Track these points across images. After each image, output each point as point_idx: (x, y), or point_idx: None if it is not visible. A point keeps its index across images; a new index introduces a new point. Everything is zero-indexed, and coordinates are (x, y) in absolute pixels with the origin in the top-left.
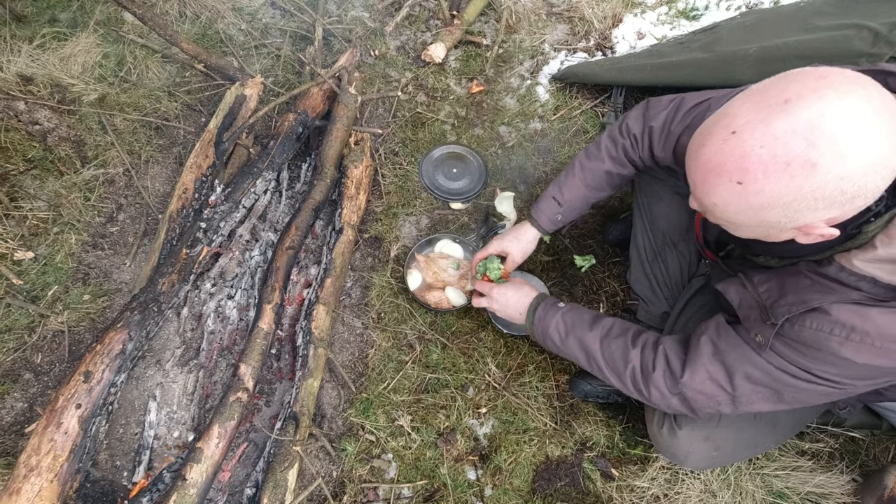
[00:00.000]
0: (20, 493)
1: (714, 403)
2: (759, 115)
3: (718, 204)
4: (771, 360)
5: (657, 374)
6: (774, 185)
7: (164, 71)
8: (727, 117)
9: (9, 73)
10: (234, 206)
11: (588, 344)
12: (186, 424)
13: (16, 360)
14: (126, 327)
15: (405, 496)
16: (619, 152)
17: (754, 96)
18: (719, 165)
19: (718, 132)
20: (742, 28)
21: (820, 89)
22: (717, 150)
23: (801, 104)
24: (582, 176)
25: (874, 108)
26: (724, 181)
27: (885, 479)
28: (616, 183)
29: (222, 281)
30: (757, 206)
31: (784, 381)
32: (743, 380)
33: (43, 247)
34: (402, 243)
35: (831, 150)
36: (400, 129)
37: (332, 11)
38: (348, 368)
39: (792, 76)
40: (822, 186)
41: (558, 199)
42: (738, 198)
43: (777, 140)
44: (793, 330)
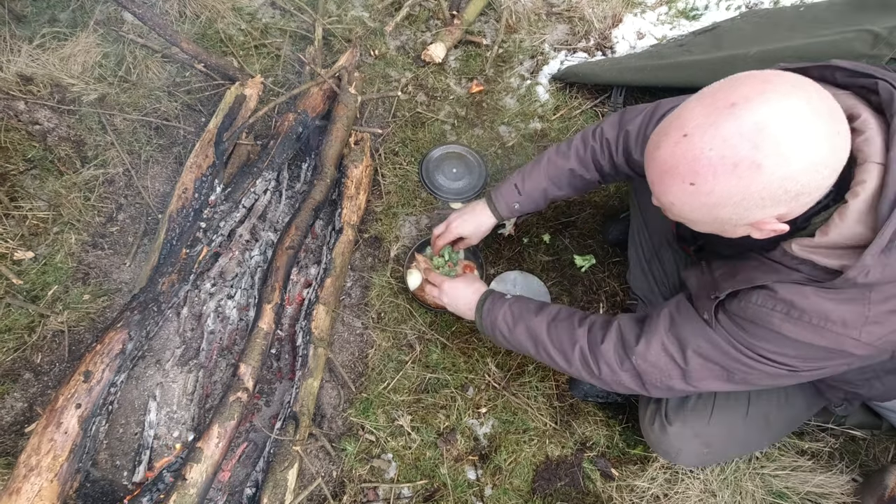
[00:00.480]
0: (20, 493)
1: (665, 378)
2: (708, 118)
3: (675, 203)
4: (720, 334)
5: (606, 346)
6: (724, 186)
7: (164, 71)
8: (679, 119)
9: (9, 73)
10: (233, 206)
11: (535, 330)
12: (186, 424)
13: (16, 360)
14: (126, 327)
15: (405, 496)
16: (587, 154)
17: (705, 99)
18: (672, 167)
19: (671, 134)
20: (742, 30)
21: (765, 93)
22: (671, 153)
23: (747, 107)
24: (547, 169)
25: (814, 110)
26: (677, 182)
27: (886, 479)
28: (577, 185)
29: (222, 281)
30: (709, 205)
31: (732, 357)
32: (694, 354)
33: (43, 247)
34: (402, 243)
35: (775, 151)
36: (400, 129)
37: (332, 11)
38: (348, 368)
39: (740, 79)
40: (768, 186)
41: (519, 188)
42: (692, 197)
43: (725, 142)
44: (739, 306)
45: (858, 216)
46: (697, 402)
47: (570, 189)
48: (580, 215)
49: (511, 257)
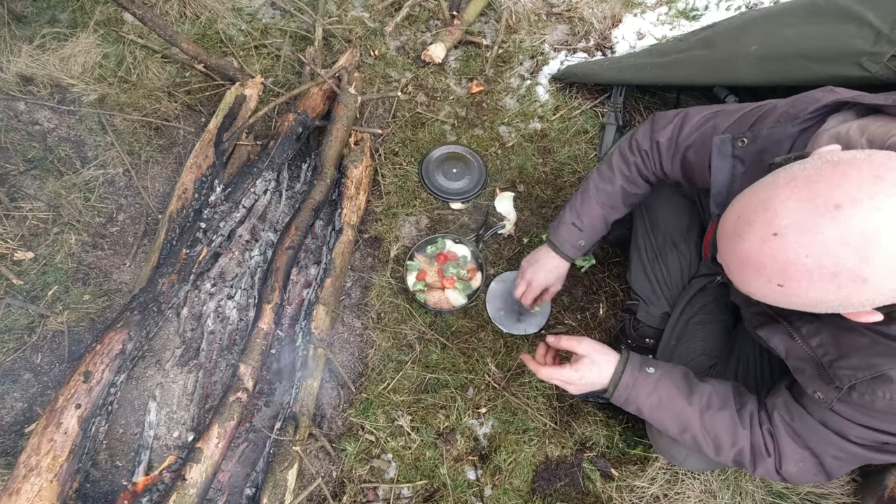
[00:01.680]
0: (20, 493)
1: (810, 479)
2: (805, 218)
3: (754, 292)
4: (849, 433)
5: (771, 460)
6: (819, 293)
7: (164, 71)
8: (768, 213)
9: (9, 73)
10: (233, 206)
11: (687, 419)
12: (186, 424)
13: (16, 360)
14: (126, 327)
15: (405, 496)
16: (632, 170)
17: (801, 192)
18: (759, 265)
19: (758, 229)
20: (741, 24)
21: (876, 195)
22: (757, 250)
23: (854, 212)
24: (598, 198)
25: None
26: (763, 280)
27: (885, 480)
28: (632, 201)
29: (222, 281)
30: (796, 305)
31: (871, 458)
32: (832, 460)
33: (43, 247)
34: (402, 243)
35: (885, 266)
36: (400, 129)
37: (332, 12)
38: (348, 368)
39: (845, 171)
40: (873, 296)
41: (577, 225)
42: (780, 295)
43: (826, 251)
44: (863, 399)
45: None
46: None
47: (626, 207)
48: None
49: (511, 257)
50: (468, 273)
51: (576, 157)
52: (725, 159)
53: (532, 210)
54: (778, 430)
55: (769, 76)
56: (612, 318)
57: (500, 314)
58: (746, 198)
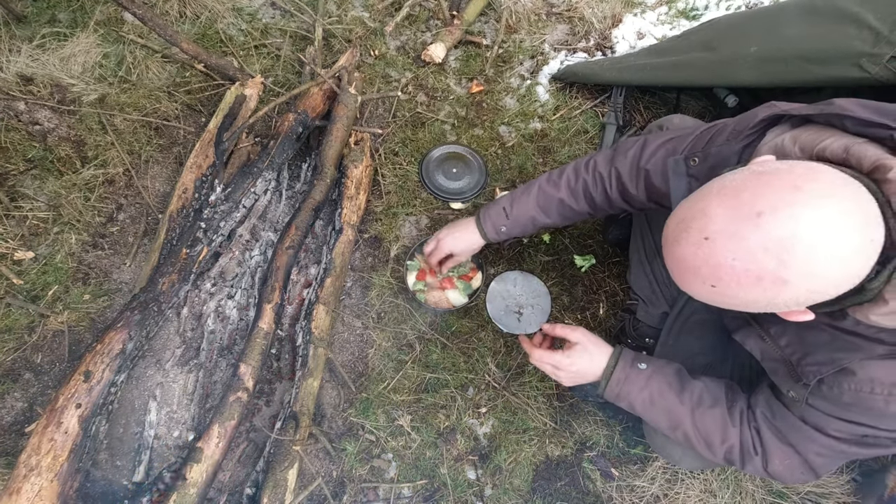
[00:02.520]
0: (20, 493)
1: (799, 476)
2: (732, 224)
3: (696, 294)
4: (826, 428)
5: (758, 458)
6: (748, 294)
7: (164, 71)
8: (701, 219)
9: (9, 73)
10: (234, 206)
11: (678, 416)
12: (186, 424)
13: (16, 360)
14: (126, 327)
15: (405, 496)
16: (578, 186)
17: (728, 200)
18: (694, 268)
19: (692, 235)
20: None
21: (794, 204)
22: (692, 254)
23: (774, 219)
24: (536, 197)
25: (847, 221)
26: (698, 282)
27: (885, 479)
28: (566, 214)
29: (222, 281)
30: (733, 304)
31: (851, 453)
32: (815, 457)
33: (43, 247)
34: (402, 243)
35: (802, 269)
36: (400, 129)
37: (332, 11)
38: (348, 368)
39: (767, 181)
40: (795, 296)
41: (507, 212)
42: (714, 295)
43: (749, 255)
44: (832, 393)
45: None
46: None
47: (558, 217)
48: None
49: (511, 257)
50: (469, 271)
51: (576, 157)
52: (681, 178)
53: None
54: (762, 427)
55: (769, 78)
56: (612, 317)
57: (500, 314)
58: (685, 206)
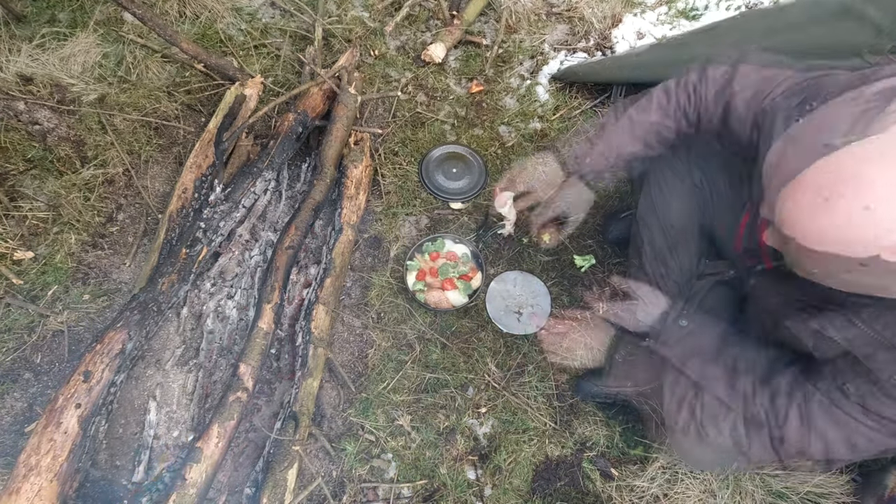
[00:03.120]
0: (20, 493)
1: (838, 461)
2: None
3: (828, 271)
4: (880, 412)
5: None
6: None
7: (163, 71)
8: (862, 183)
9: (9, 73)
10: (233, 206)
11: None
12: (186, 424)
13: (16, 360)
14: (126, 327)
15: (405, 496)
16: (672, 104)
17: (892, 168)
18: (845, 242)
19: (849, 200)
20: (743, 23)
21: None
22: (845, 223)
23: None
24: (624, 125)
25: None
26: (844, 257)
27: (885, 480)
28: (662, 139)
29: (222, 281)
30: (867, 285)
31: (885, 448)
32: (843, 449)
33: (43, 247)
34: (401, 243)
35: None
36: (400, 129)
37: (332, 11)
38: (348, 368)
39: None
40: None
41: (606, 154)
42: (858, 276)
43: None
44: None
45: None
46: None
47: (658, 145)
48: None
49: (511, 257)
50: (469, 270)
51: None
52: (786, 122)
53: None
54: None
55: None
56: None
57: (500, 314)
58: (821, 171)
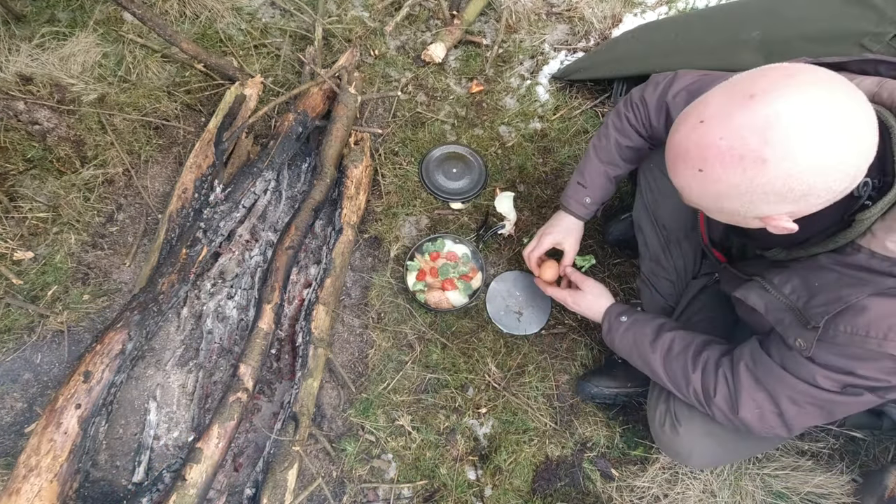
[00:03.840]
0: (20, 494)
1: (768, 428)
2: (725, 107)
3: (684, 187)
4: (809, 372)
5: (718, 398)
6: (730, 176)
7: (163, 71)
8: (700, 105)
9: (8, 73)
10: (233, 206)
11: (650, 363)
12: (186, 424)
13: (16, 360)
14: (126, 327)
15: (405, 496)
16: (623, 122)
17: (727, 87)
18: (685, 151)
19: (690, 119)
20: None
21: (786, 87)
22: (685, 137)
23: (763, 101)
24: (597, 154)
25: (835, 111)
26: (688, 167)
27: (885, 480)
28: (628, 155)
29: (222, 281)
30: (715, 194)
31: (827, 399)
32: (788, 403)
33: (42, 247)
34: (402, 243)
35: (782, 148)
36: (400, 129)
37: (332, 11)
38: (348, 368)
39: (765, 71)
40: (772, 182)
41: (581, 183)
42: (700, 184)
43: (735, 133)
44: (826, 335)
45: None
46: None
47: (623, 161)
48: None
49: (511, 257)
50: (469, 270)
51: (576, 157)
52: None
53: (532, 210)
54: (740, 373)
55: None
56: None
57: (500, 314)
58: (690, 104)
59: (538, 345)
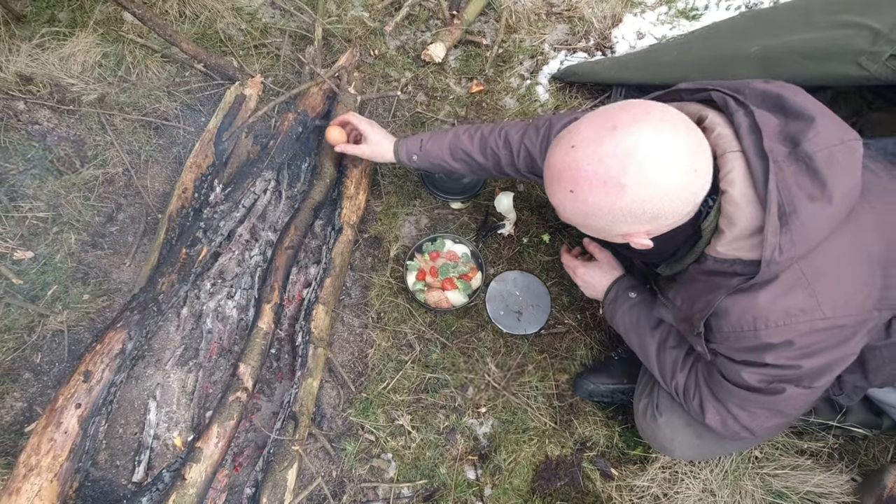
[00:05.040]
0: (20, 493)
1: (733, 433)
2: (593, 133)
3: (559, 205)
4: (734, 376)
5: (694, 403)
6: (595, 198)
7: (163, 71)
8: (574, 131)
9: (8, 73)
10: (233, 206)
11: (646, 345)
12: (186, 424)
13: (15, 360)
14: (126, 327)
15: (405, 496)
16: (488, 147)
17: (597, 117)
18: (559, 173)
19: (563, 144)
20: (742, 25)
21: (641, 122)
22: (559, 161)
23: (623, 132)
24: (451, 141)
25: (679, 145)
26: (562, 187)
27: (885, 479)
28: (473, 167)
29: (222, 281)
30: (584, 212)
31: (760, 400)
32: (738, 409)
33: (42, 246)
34: (401, 243)
35: (638, 176)
36: (400, 128)
37: (332, 11)
38: (348, 368)
39: (628, 106)
40: (629, 205)
41: (422, 144)
42: (571, 203)
43: (600, 160)
44: (721, 338)
45: (745, 199)
46: None
47: (463, 166)
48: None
49: (511, 257)
50: (469, 270)
51: None
52: None
53: (532, 210)
54: (701, 383)
55: (767, 76)
56: None
57: (499, 314)
58: (567, 128)
59: (538, 344)
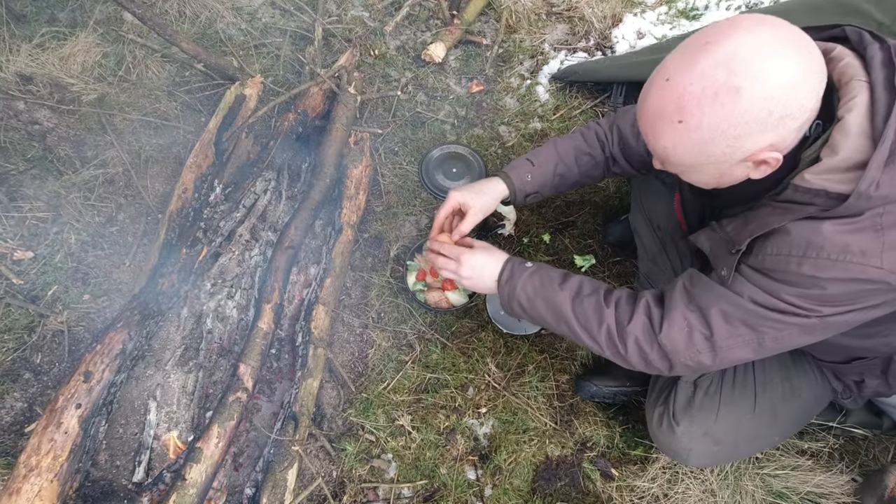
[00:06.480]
0: (20, 493)
1: (694, 353)
2: (685, 59)
3: (668, 147)
4: (740, 290)
5: (633, 325)
6: (710, 116)
7: (163, 71)
8: (662, 69)
9: (8, 73)
10: (233, 206)
11: (558, 305)
12: (186, 424)
13: (15, 360)
14: (126, 327)
15: (405, 496)
16: (591, 132)
17: (681, 49)
18: (661, 110)
19: (656, 82)
20: None
21: (733, 28)
22: (658, 97)
23: (719, 42)
24: (556, 145)
25: (780, 37)
26: (667, 123)
27: (885, 479)
28: (584, 162)
29: (222, 281)
30: (700, 141)
31: (756, 314)
32: (719, 319)
33: (42, 246)
34: (401, 243)
35: (748, 73)
36: (400, 128)
37: (332, 11)
38: (348, 368)
39: (710, 26)
40: (750, 108)
41: (532, 160)
42: (683, 136)
43: (703, 75)
44: (756, 260)
45: (859, 129)
46: (704, 399)
47: (576, 166)
48: (580, 215)
49: None
50: None
51: None
52: None
53: (532, 210)
54: (674, 294)
55: None
56: None
57: (500, 314)
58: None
59: (538, 344)
